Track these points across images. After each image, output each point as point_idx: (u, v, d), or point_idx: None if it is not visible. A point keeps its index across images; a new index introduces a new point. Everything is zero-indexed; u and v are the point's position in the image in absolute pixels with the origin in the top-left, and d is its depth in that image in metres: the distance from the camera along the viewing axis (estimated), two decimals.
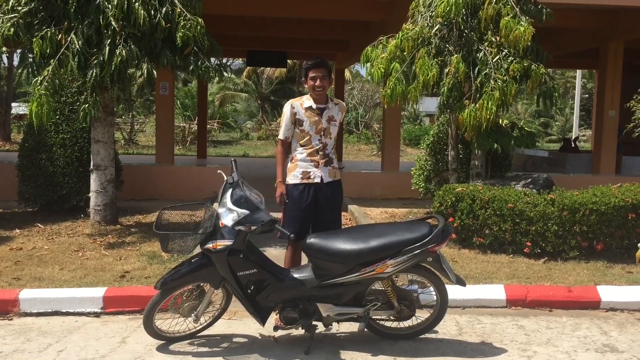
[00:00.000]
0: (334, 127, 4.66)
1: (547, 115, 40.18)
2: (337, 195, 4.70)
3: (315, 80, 4.53)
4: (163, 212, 4.18)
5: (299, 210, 4.55)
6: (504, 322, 4.81)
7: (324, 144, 4.62)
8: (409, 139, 27.77)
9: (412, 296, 4.24)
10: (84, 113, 6.82)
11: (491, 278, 5.72)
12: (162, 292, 4.10)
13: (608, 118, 12.34)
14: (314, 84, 4.54)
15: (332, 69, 4.53)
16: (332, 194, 4.64)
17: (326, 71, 4.54)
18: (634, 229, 6.44)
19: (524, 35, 6.69)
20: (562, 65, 20.60)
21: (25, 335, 4.45)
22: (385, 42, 7.64)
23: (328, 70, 4.56)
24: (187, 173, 10.93)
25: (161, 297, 4.11)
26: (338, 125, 4.71)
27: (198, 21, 6.75)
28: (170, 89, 11.68)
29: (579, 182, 9.37)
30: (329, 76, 4.57)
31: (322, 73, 4.52)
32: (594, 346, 4.33)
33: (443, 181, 8.58)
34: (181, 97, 29.53)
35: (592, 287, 5.37)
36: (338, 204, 4.73)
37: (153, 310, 4.10)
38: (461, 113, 7.02)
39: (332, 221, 4.63)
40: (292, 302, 4.07)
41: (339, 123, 4.71)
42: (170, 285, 4.08)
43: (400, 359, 4.03)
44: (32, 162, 8.40)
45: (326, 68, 4.55)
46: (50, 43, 6.51)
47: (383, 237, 4.03)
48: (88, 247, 6.74)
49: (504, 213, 6.53)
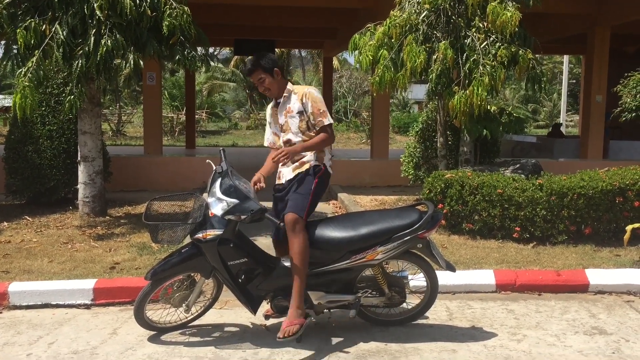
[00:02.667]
0: (292, 119, 4.20)
1: (535, 101, 40.34)
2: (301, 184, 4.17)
3: (258, 86, 4.26)
4: (152, 202, 4.16)
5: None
6: (493, 306, 4.85)
7: (285, 141, 4.27)
8: (398, 127, 27.82)
9: (402, 282, 4.27)
10: (70, 104, 6.75)
11: (481, 263, 5.76)
12: (152, 283, 4.09)
13: (595, 103, 12.41)
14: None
15: (275, 61, 4.19)
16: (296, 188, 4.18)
17: (260, 71, 4.14)
18: (622, 212, 6.50)
19: (510, 20, 6.71)
20: (550, 50, 20.64)
21: (15, 328, 4.42)
22: (373, 29, 7.63)
23: (263, 69, 4.13)
24: (176, 163, 10.90)
25: (152, 288, 4.10)
26: (298, 115, 4.18)
27: (184, 10, 6.70)
28: (157, 79, 11.61)
29: (566, 167, 9.43)
30: (267, 72, 4.14)
31: (257, 77, 4.17)
32: (583, 329, 4.38)
33: (432, 168, 8.61)
34: (169, 87, 29.36)
35: (581, 271, 5.42)
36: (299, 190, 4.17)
37: (144, 301, 4.09)
38: (451, 99, 7.03)
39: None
40: (283, 291, 4.07)
41: (298, 112, 4.18)
42: (160, 275, 4.06)
43: (391, 344, 4.06)
44: (19, 154, 8.32)
45: (258, 69, 4.14)
46: (34, 34, 6.44)
47: (373, 225, 4.04)
48: (77, 239, 6.70)
49: (493, 199, 6.56)
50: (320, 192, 4.23)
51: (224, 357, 3.88)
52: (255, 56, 4.21)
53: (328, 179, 4.33)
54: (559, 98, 35.66)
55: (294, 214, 3.99)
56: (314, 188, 4.15)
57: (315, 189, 4.15)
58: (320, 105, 4.19)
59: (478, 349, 4.00)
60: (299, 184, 4.18)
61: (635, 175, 6.62)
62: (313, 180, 4.17)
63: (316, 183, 4.17)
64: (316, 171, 4.22)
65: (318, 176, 4.20)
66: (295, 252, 3.94)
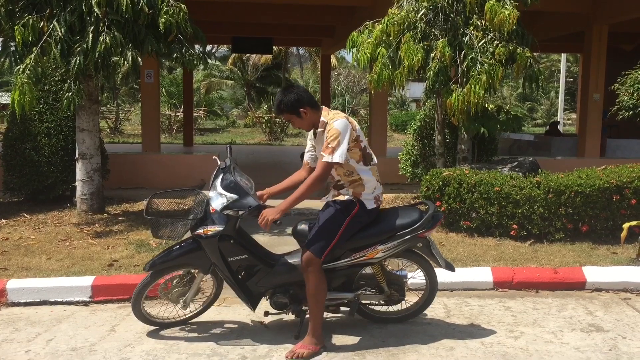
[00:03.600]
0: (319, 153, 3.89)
1: (533, 100, 40.39)
2: (333, 216, 3.92)
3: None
4: (153, 198, 4.18)
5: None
6: (491, 304, 4.87)
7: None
8: (396, 125, 27.86)
9: (401, 281, 4.28)
10: (68, 101, 6.75)
11: (478, 261, 5.77)
12: (151, 275, 4.12)
13: (593, 101, 12.44)
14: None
15: (301, 101, 3.89)
16: (328, 216, 3.94)
17: (287, 115, 3.95)
18: (619, 210, 6.52)
19: (508, 18, 6.72)
20: (548, 49, 20.68)
21: (14, 325, 4.43)
22: (371, 27, 7.63)
23: (289, 109, 3.90)
24: (174, 161, 10.89)
25: (150, 280, 4.13)
26: (321, 148, 3.85)
27: (181, 7, 6.70)
28: (155, 77, 11.60)
29: (564, 165, 9.46)
30: (293, 114, 3.91)
31: (285, 118, 4.01)
32: (580, 326, 4.40)
33: (430, 166, 8.62)
34: (166, 85, 29.34)
35: (578, 268, 5.44)
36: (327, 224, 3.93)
37: (142, 292, 4.11)
38: (449, 97, 7.04)
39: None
40: (282, 288, 4.09)
41: (322, 145, 3.84)
42: (159, 267, 4.09)
43: (390, 341, 4.07)
44: (17, 151, 8.31)
45: (284, 113, 3.95)
46: (32, 31, 6.43)
47: (374, 223, 4.04)
48: (75, 237, 6.70)
49: (491, 196, 6.57)
50: (350, 232, 3.91)
51: (222, 354, 3.89)
52: (278, 100, 3.95)
53: (366, 216, 3.95)
54: (557, 96, 35.73)
55: (311, 254, 3.81)
56: (343, 229, 3.87)
57: (344, 230, 3.87)
58: (331, 139, 3.74)
59: (475, 346, 4.02)
60: (331, 213, 3.89)
61: (632, 173, 6.64)
62: (344, 220, 3.87)
63: (346, 224, 3.87)
64: (350, 209, 3.89)
65: (351, 217, 3.88)
66: (309, 293, 3.87)
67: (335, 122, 3.79)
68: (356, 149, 3.90)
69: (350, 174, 3.93)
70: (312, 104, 3.93)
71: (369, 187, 3.95)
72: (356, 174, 3.93)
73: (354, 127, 3.88)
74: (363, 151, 3.94)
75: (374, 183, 3.99)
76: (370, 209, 3.96)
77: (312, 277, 3.83)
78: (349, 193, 3.94)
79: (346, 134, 3.76)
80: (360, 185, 3.93)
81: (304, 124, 3.96)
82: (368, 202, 3.95)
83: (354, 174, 3.93)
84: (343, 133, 3.75)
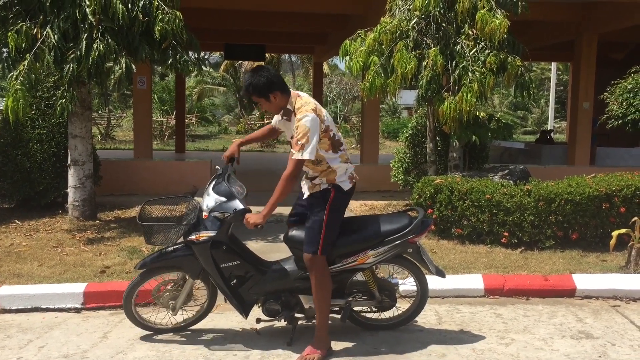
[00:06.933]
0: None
1: (524, 108, 40.61)
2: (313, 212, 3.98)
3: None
4: (146, 204, 4.21)
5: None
6: (482, 311, 4.90)
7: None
8: (388, 132, 27.91)
9: (392, 287, 4.31)
10: (61, 108, 6.75)
11: (469, 268, 5.81)
12: (141, 274, 4.15)
13: (583, 110, 12.55)
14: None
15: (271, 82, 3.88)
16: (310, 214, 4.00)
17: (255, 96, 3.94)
18: (608, 218, 6.58)
19: (499, 28, 6.78)
20: (538, 57, 20.84)
21: (5, 331, 4.41)
22: (364, 35, 7.68)
23: (259, 93, 3.90)
24: (166, 168, 10.87)
25: (140, 279, 4.16)
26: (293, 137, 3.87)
27: (176, 15, 6.71)
28: (147, 83, 11.61)
29: (554, 173, 9.53)
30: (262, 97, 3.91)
31: (255, 100, 4.01)
32: (570, 333, 4.43)
33: (422, 173, 8.66)
34: (158, 92, 29.27)
35: (568, 276, 5.48)
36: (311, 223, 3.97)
37: (132, 291, 4.14)
38: (441, 105, 7.09)
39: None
40: (274, 294, 4.11)
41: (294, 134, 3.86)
42: (150, 266, 4.12)
43: (381, 348, 4.09)
44: (8, 157, 8.28)
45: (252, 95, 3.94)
46: (25, 37, 6.43)
47: (364, 229, 4.08)
48: (67, 243, 6.68)
49: (482, 204, 6.62)
50: (336, 218, 3.94)
51: None
52: (247, 82, 3.92)
53: (345, 197, 4.01)
54: (547, 105, 35.94)
55: (307, 254, 3.89)
56: (326, 219, 3.88)
57: (327, 219, 3.88)
58: (300, 136, 3.74)
59: (467, 353, 4.04)
60: (312, 209, 3.94)
61: (621, 182, 6.71)
62: (324, 210, 3.89)
63: (327, 213, 3.88)
64: (326, 197, 3.92)
65: (329, 204, 3.90)
66: (313, 288, 3.93)
67: (304, 118, 3.78)
68: (325, 138, 3.91)
69: (318, 162, 3.94)
70: (282, 88, 3.93)
71: (341, 171, 3.98)
72: (325, 162, 3.95)
73: (322, 118, 3.88)
74: (332, 139, 3.96)
75: (345, 165, 4.01)
76: (348, 190, 4.01)
77: (316, 273, 3.90)
78: (322, 181, 3.97)
79: (316, 132, 3.78)
80: (332, 172, 3.96)
81: (272, 107, 3.98)
82: (343, 183, 3.98)
83: (323, 162, 3.95)
84: (312, 130, 3.77)
